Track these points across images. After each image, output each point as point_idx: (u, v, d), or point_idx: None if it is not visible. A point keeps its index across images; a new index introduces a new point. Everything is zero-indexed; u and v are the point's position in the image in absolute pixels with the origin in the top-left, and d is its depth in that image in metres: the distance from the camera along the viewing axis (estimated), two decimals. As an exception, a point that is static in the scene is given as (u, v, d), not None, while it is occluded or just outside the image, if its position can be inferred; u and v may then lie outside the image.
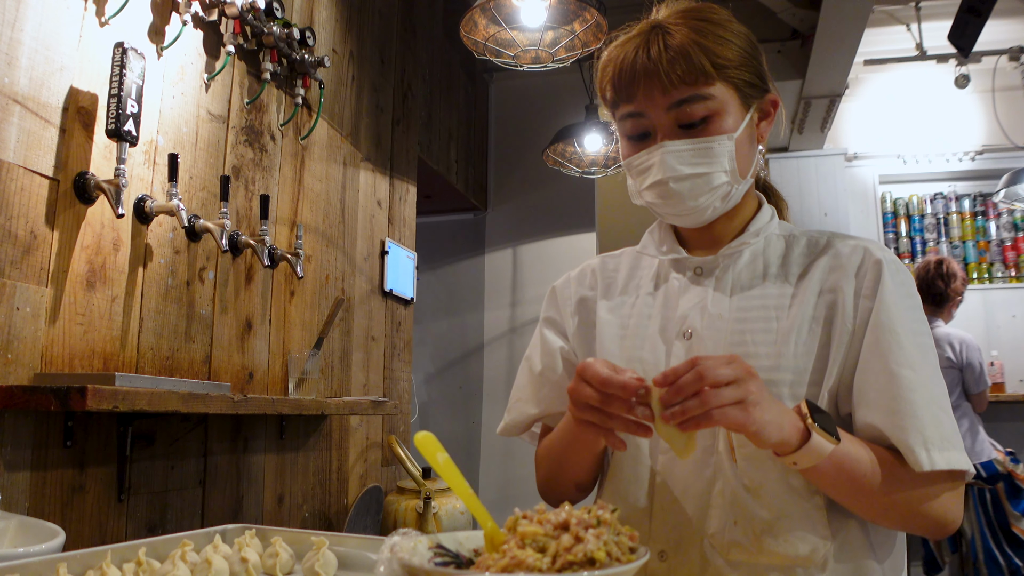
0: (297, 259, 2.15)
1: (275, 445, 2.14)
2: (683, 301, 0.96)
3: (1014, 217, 4.50)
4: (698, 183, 0.90)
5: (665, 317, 0.97)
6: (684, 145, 0.89)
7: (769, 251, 0.97)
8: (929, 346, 0.87)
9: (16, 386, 1.30)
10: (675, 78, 0.87)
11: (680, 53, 0.87)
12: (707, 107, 0.88)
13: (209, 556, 0.82)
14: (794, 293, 0.92)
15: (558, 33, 2.29)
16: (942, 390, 0.85)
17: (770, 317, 0.91)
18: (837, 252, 0.93)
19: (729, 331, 0.91)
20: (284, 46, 2.08)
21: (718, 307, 0.93)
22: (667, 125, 0.90)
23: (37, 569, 0.73)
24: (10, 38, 1.36)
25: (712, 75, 0.88)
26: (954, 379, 3.34)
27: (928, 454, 0.80)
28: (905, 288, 0.89)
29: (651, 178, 0.91)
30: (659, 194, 0.92)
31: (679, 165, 0.89)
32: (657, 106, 0.89)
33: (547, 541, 0.60)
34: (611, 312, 1.02)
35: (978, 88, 4.43)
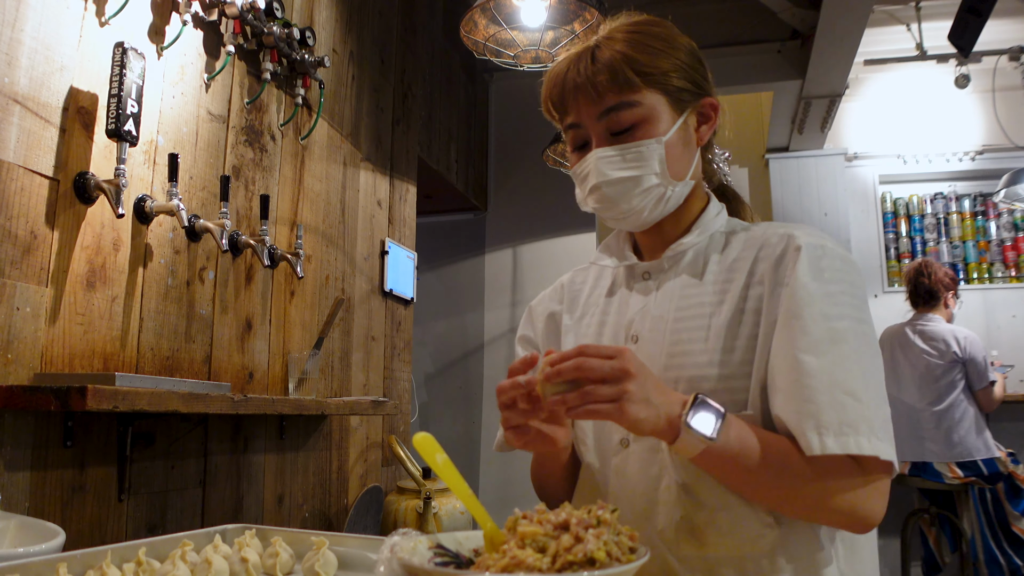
0: (297, 259, 2.15)
1: (275, 445, 2.14)
2: (631, 306, 1.00)
3: (1014, 217, 4.50)
4: (628, 186, 0.94)
5: (616, 323, 1.01)
6: (613, 151, 0.93)
7: (711, 249, 0.99)
8: (844, 332, 0.84)
9: (16, 386, 1.30)
10: (602, 88, 0.92)
11: (606, 65, 0.92)
12: (634, 114, 0.93)
13: (209, 556, 0.82)
14: (731, 289, 0.93)
15: (558, 33, 2.29)
16: (854, 375, 0.82)
17: (705, 315, 0.93)
18: (766, 243, 0.94)
19: (669, 331, 0.94)
20: (284, 46, 2.08)
21: (660, 309, 0.96)
22: (600, 133, 0.94)
23: (37, 569, 0.73)
24: (10, 38, 1.36)
25: (637, 83, 0.92)
26: (957, 376, 3.34)
27: (820, 439, 0.79)
28: (827, 273, 0.87)
29: (588, 184, 0.96)
30: (596, 199, 0.96)
31: (609, 170, 0.93)
32: (589, 116, 0.94)
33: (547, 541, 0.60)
34: (572, 324, 1.07)
35: (978, 88, 4.42)
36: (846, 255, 0.91)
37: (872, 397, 0.82)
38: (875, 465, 0.82)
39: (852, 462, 0.81)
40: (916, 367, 3.40)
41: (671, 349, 0.92)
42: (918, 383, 3.39)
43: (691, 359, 0.90)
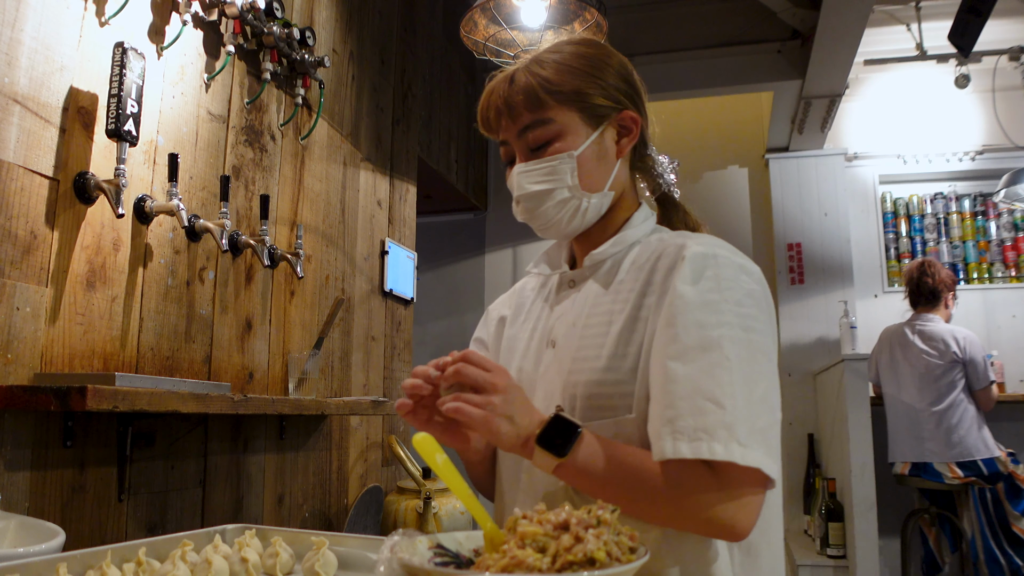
0: (297, 259, 2.15)
1: (275, 445, 2.14)
2: (554, 313, 1.05)
3: (1014, 217, 4.50)
4: (543, 199, 0.99)
5: (543, 329, 1.05)
6: (529, 166, 0.99)
7: (626, 258, 1.01)
8: (719, 339, 0.84)
9: (16, 386, 1.30)
10: (518, 108, 0.98)
11: (522, 88, 0.98)
12: (548, 131, 0.98)
13: (209, 556, 0.82)
14: (631, 298, 0.96)
15: (558, 33, 2.29)
16: (723, 383, 0.81)
17: (606, 322, 0.95)
18: (664, 252, 0.96)
19: (577, 337, 0.97)
20: (284, 46, 2.08)
21: (574, 316, 1.00)
22: (521, 150, 1.00)
23: (37, 569, 0.73)
24: (10, 38, 1.36)
25: (548, 102, 0.97)
26: (957, 375, 3.34)
27: (674, 443, 0.80)
28: (711, 282, 0.88)
29: (513, 197, 1.02)
30: (519, 211, 1.03)
31: (527, 183, 0.99)
32: (510, 134, 1.01)
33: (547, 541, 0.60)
34: (512, 328, 1.12)
35: (978, 88, 4.42)
36: (742, 264, 0.92)
37: (741, 405, 0.81)
38: (737, 474, 0.80)
39: (708, 472, 0.80)
40: (916, 367, 3.40)
41: (575, 355, 0.96)
42: (918, 383, 3.39)
43: (589, 364, 0.94)
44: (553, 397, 0.97)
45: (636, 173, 1.09)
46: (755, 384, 0.83)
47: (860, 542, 3.23)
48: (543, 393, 0.99)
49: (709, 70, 4.03)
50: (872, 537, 3.23)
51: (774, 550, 0.93)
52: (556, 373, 0.97)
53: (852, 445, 3.30)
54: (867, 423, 3.31)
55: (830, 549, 3.42)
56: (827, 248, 4.40)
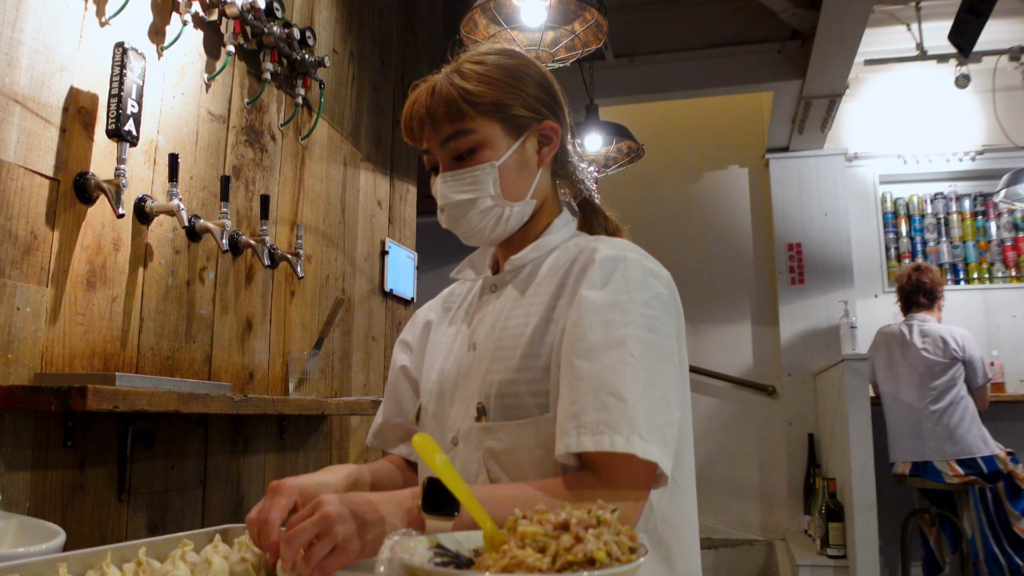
0: (297, 259, 2.15)
1: (275, 445, 2.14)
2: (476, 316, 1.07)
3: (1014, 217, 4.50)
4: (467, 207, 1.00)
5: (464, 332, 1.08)
6: (452, 175, 1.00)
7: (545, 263, 1.04)
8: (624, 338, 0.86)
9: (16, 386, 1.30)
10: (439, 119, 0.99)
11: (444, 98, 0.99)
12: (469, 140, 0.99)
13: (209, 556, 0.82)
14: (541, 300, 0.98)
15: (558, 33, 2.29)
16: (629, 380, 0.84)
17: (522, 324, 0.98)
18: (576, 256, 0.99)
19: (495, 339, 0.99)
20: (284, 46, 2.08)
21: (493, 319, 1.02)
22: (444, 159, 1.01)
23: (37, 569, 0.73)
24: (10, 38, 1.36)
25: (469, 113, 0.98)
26: (956, 374, 3.34)
27: (578, 437, 0.82)
28: (618, 284, 0.91)
29: (438, 205, 1.03)
30: (443, 220, 1.04)
31: (450, 193, 1.00)
32: (433, 143, 1.01)
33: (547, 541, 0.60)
34: (437, 332, 1.14)
35: (978, 88, 4.42)
36: (650, 267, 0.95)
37: (644, 400, 0.83)
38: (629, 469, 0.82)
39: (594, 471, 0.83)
40: (915, 366, 3.41)
41: (492, 355, 0.98)
42: (917, 382, 3.39)
43: (503, 364, 0.96)
44: (472, 398, 0.98)
45: (557, 180, 1.12)
46: (657, 382, 0.86)
47: (860, 542, 3.23)
48: (463, 395, 1.01)
49: (709, 70, 4.03)
50: (872, 537, 3.23)
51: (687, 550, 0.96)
52: (475, 374, 0.99)
53: (852, 445, 3.30)
54: (867, 423, 3.31)
55: (830, 549, 3.42)
56: (827, 248, 4.40)
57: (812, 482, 4.00)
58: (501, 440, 0.93)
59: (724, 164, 4.79)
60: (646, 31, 4.10)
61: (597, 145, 3.47)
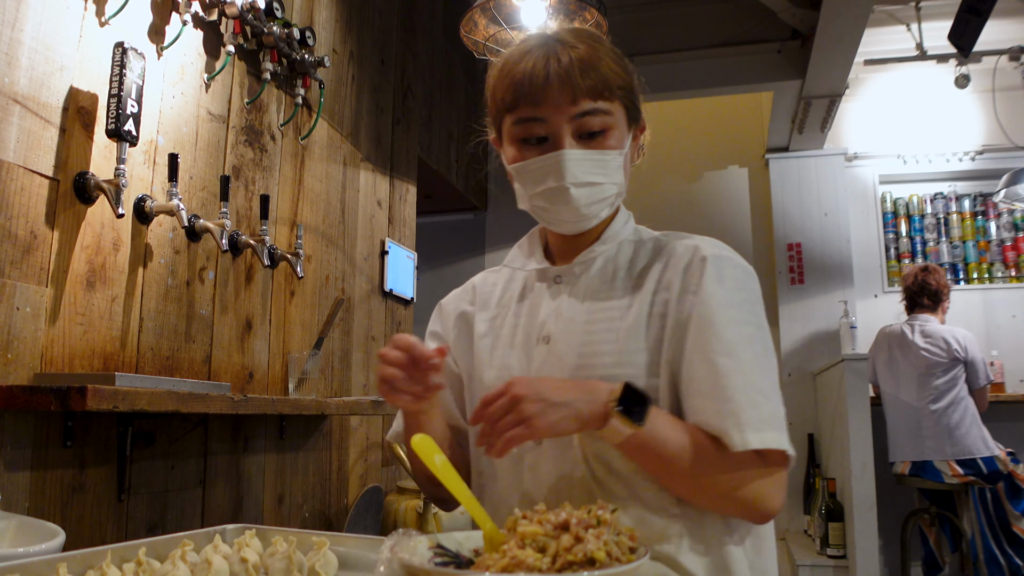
0: (297, 259, 2.15)
1: (275, 445, 2.14)
2: (543, 308, 1.03)
3: (1014, 217, 4.50)
4: (593, 192, 0.96)
5: (528, 325, 1.04)
6: (585, 155, 0.95)
7: (620, 256, 1.03)
8: (751, 336, 0.92)
9: (16, 386, 1.30)
10: (584, 89, 0.93)
11: (590, 66, 0.93)
12: (604, 121, 0.95)
13: (209, 556, 0.82)
14: (638, 295, 0.98)
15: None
16: (763, 375, 0.90)
17: (615, 318, 0.97)
18: (672, 252, 0.99)
19: (580, 333, 0.97)
20: (284, 46, 2.08)
21: (571, 312, 1.00)
22: (569, 133, 0.95)
23: (37, 569, 0.73)
24: (10, 38, 1.36)
25: (613, 91, 0.95)
26: (957, 374, 3.34)
27: (742, 435, 0.85)
28: (731, 283, 0.94)
29: (550, 183, 0.96)
30: (555, 199, 0.97)
31: (579, 173, 0.95)
32: (562, 114, 0.94)
33: (547, 541, 0.60)
34: (485, 324, 1.09)
35: (978, 88, 4.42)
36: (746, 265, 0.98)
37: (777, 395, 0.90)
38: (777, 458, 0.88)
39: (757, 456, 0.87)
40: (916, 366, 3.41)
41: (582, 350, 0.96)
42: (918, 382, 3.39)
43: (600, 359, 0.95)
44: None
45: None
46: (775, 376, 0.92)
47: (860, 542, 3.23)
48: None
49: (709, 70, 4.03)
50: (872, 537, 3.23)
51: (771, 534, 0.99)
52: (556, 369, 0.97)
53: (852, 445, 3.30)
54: (867, 423, 3.31)
55: (830, 549, 3.42)
56: (827, 248, 4.40)
57: (812, 482, 4.00)
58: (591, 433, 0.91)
59: (724, 164, 4.78)
60: (646, 31, 4.10)
61: (597, 145, 3.47)
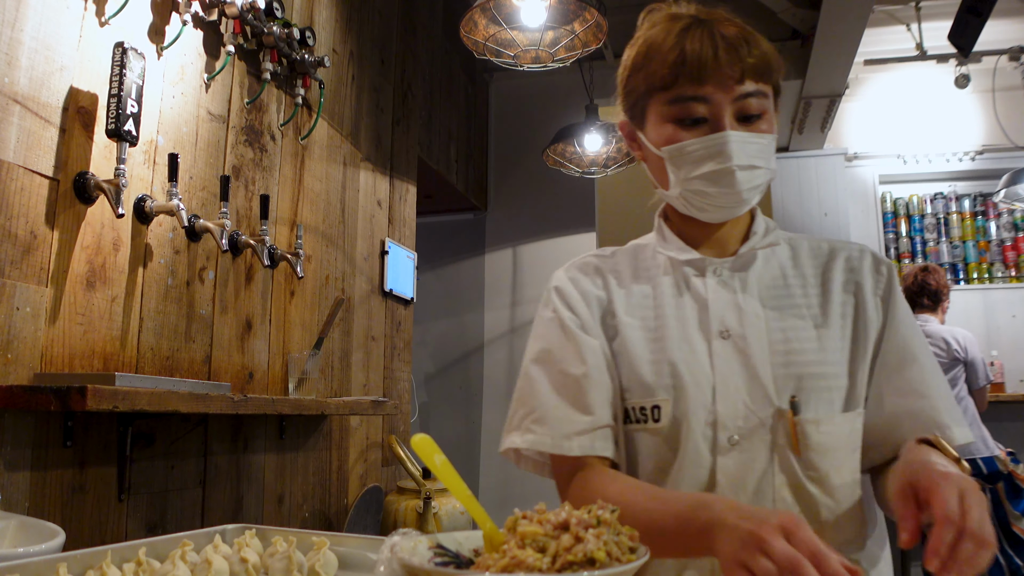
0: (297, 259, 2.15)
1: (275, 445, 2.14)
2: (713, 301, 0.95)
3: (1014, 217, 4.50)
4: (754, 175, 0.92)
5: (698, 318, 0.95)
6: (748, 137, 0.91)
7: (779, 254, 1.00)
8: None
9: (16, 386, 1.30)
10: (749, 69, 0.89)
11: (755, 44, 0.91)
12: (762, 104, 0.92)
13: (209, 556, 0.82)
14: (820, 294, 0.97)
15: (558, 33, 2.29)
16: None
17: (804, 316, 0.95)
18: (849, 256, 1.00)
19: (768, 330, 0.93)
20: (284, 46, 2.08)
21: (752, 308, 0.94)
22: (729, 114, 0.90)
23: (37, 569, 0.73)
24: (10, 38, 1.36)
25: (772, 73, 0.92)
26: (957, 374, 3.34)
27: (961, 430, 0.89)
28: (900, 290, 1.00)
29: (713, 165, 0.90)
30: (719, 182, 0.91)
31: (743, 155, 0.90)
32: (727, 93, 0.90)
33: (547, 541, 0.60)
34: (630, 314, 0.99)
35: (978, 88, 4.42)
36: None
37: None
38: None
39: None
40: (916, 366, 3.40)
41: (778, 347, 0.92)
42: (918, 382, 3.39)
43: (803, 357, 0.92)
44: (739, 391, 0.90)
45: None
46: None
47: (860, 542, 3.23)
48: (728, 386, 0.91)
49: (709, 70, 4.03)
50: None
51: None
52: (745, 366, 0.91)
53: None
54: (867, 423, 3.31)
55: (830, 549, 3.42)
56: (827, 248, 4.40)
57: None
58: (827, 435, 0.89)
59: (724, 164, 4.78)
60: (646, 31, 4.09)
61: (597, 145, 3.47)
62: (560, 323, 0.99)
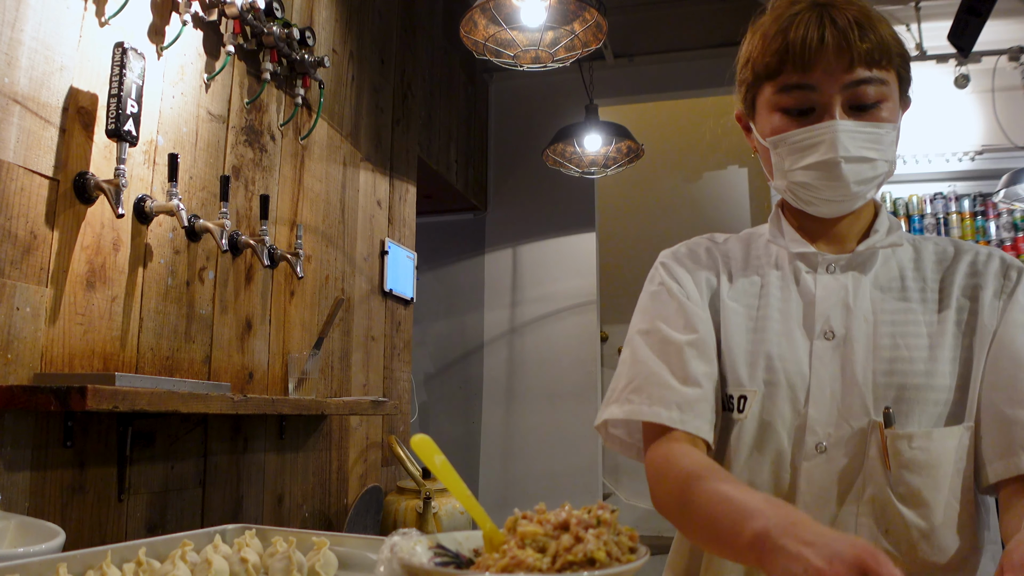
0: (297, 259, 2.15)
1: (275, 445, 2.14)
2: (820, 298, 0.91)
3: (1014, 217, 4.50)
4: (865, 168, 0.87)
5: (803, 314, 0.92)
6: (859, 127, 0.86)
7: (900, 255, 0.94)
8: None
9: (16, 386, 1.30)
10: (863, 54, 0.84)
11: (869, 29, 0.85)
12: (880, 92, 0.86)
13: (209, 556, 0.82)
14: (939, 300, 0.90)
15: (558, 33, 2.29)
16: None
17: (918, 322, 0.89)
18: (974, 260, 0.92)
19: (876, 334, 0.88)
20: (284, 46, 2.08)
21: (861, 308, 0.90)
22: (840, 103, 0.86)
23: (37, 569, 0.73)
24: (10, 38, 1.36)
25: (892, 58, 0.86)
26: None
27: None
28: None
29: (817, 156, 0.87)
30: (823, 174, 0.87)
31: (852, 146, 0.85)
32: (836, 81, 0.85)
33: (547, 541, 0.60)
34: (735, 300, 0.95)
35: (978, 88, 4.42)
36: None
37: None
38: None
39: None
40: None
41: (883, 354, 0.87)
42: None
43: (909, 367, 0.86)
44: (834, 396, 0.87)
45: None
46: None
47: (860, 542, 3.23)
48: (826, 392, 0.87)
49: (709, 70, 4.03)
50: (872, 537, 3.23)
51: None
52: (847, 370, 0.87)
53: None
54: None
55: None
56: (827, 248, 4.40)
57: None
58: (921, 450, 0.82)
59: (724, 164, 4.78)
60: (646, 31, 4.10)
61: (597, 145, 3.47)
62: (668, 292, 0.96)
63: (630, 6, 4.05)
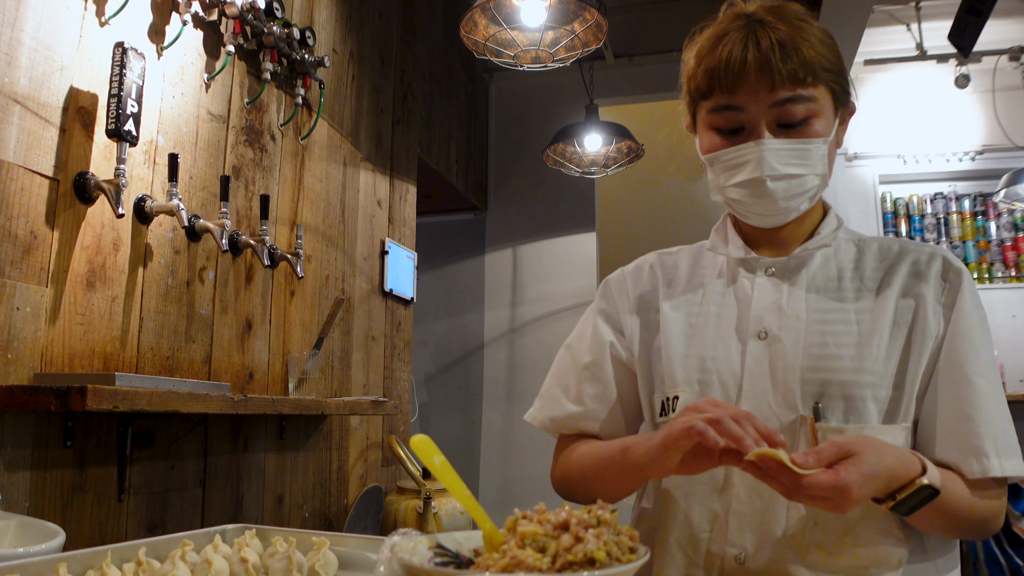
0: (297, 259, 2.15)
1: (275, 445, 2.14)
2: (756, 301, 0.95)
3: (1014, 217, 4.50)
4: (793, 184, 0.90)
5: (738, 316, 0.96)
6: (784, 144, 0.89)
7: (841, 255, 0.97)
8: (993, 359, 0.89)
9: (16, 386, 1.30)
10: (785, 75, 0.86)
11: (792, 49, 0.86)
12: (808, 108, 0.89)
13: (209, 556, 0.82)
14: (875, 297, 0.92)
15: (558, 33, 2.29)
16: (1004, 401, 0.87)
17: (850, 320, 0.91)
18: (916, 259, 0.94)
19: (807, 332, 0.91)
20: (284, 46, 2.08)
21: (794, 308, 0.92)
22: (767, 122, 0.89)
23: (37, 569, 0.73)
24: (10, 38, 1.36)
25: (818, 75, 0.88)
26: None
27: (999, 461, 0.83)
28: (978, 299, 0.91)
29: (744, 175, 0.90)
30: (751, 192, 0.91)
31: (777, 164, 0.89)
32: (760, 102, 0.88)
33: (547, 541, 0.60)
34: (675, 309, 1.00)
35: (978, 88, 4.42)
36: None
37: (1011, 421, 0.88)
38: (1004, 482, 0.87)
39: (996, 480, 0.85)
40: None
41: (812, 351, 0.89)
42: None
43: (838, 363, 0.88)
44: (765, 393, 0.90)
45: None
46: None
47: (860, 542, 3.23)
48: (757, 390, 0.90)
49: (709, 70, 4.03)
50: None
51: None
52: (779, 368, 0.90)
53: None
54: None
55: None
56: (827, 248, 4.40)
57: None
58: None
59: (724, 164, 4.78)
60: (646, 31, 4.10)
61: (597, 145, 3.47)
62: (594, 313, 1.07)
63: (630, 6, 4.05)
